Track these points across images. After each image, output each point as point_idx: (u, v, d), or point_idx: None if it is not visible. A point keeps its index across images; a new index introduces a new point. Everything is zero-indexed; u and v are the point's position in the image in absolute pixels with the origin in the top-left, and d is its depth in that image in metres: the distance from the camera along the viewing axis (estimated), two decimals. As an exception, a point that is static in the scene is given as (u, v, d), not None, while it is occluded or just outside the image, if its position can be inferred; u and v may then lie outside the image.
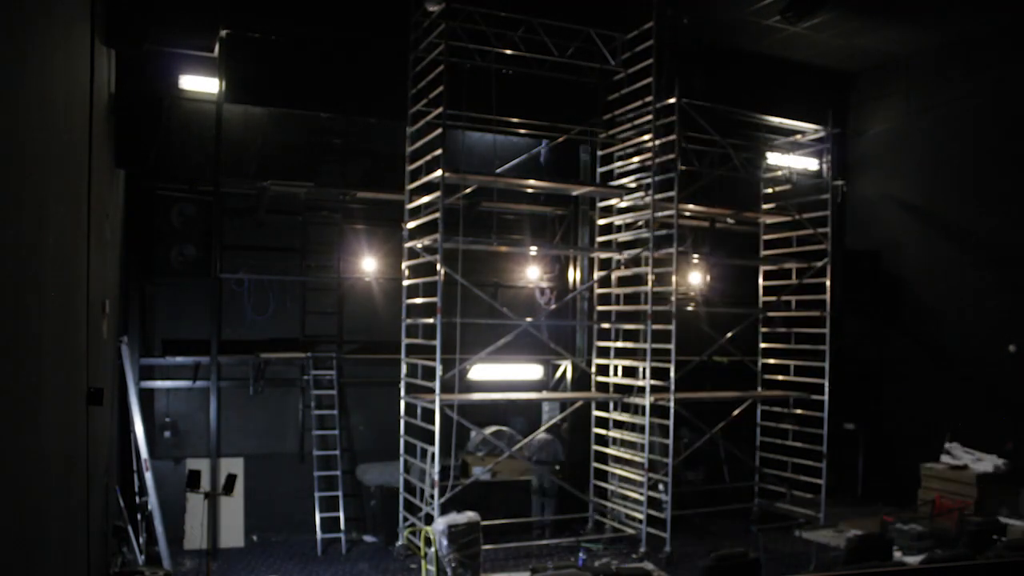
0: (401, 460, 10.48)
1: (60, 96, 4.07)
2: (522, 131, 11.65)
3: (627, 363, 11.44)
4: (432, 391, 9.51)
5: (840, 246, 13.87)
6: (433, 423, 9.47)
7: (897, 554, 9.26)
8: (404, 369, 10.52)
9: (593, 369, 11.87)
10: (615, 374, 11.58)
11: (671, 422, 10.57)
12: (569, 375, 12.41)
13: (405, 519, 10.33)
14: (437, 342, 9.30)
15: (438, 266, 9.49)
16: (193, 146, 10.54)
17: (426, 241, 10.01)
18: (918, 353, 13.56)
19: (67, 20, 4.35)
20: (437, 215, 9.57)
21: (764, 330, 12.78)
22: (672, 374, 10.45)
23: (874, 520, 11.34)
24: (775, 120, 12.05)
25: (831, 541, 10.85)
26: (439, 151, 9.51)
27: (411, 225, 10.45)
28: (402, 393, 10.49)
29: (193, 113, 10.55)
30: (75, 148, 4.76)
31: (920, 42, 13.37)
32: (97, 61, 5.73)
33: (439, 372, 9.35)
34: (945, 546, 9.54)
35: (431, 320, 9.58)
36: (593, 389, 11.77)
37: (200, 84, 10.48)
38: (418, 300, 10.28)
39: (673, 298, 10.49)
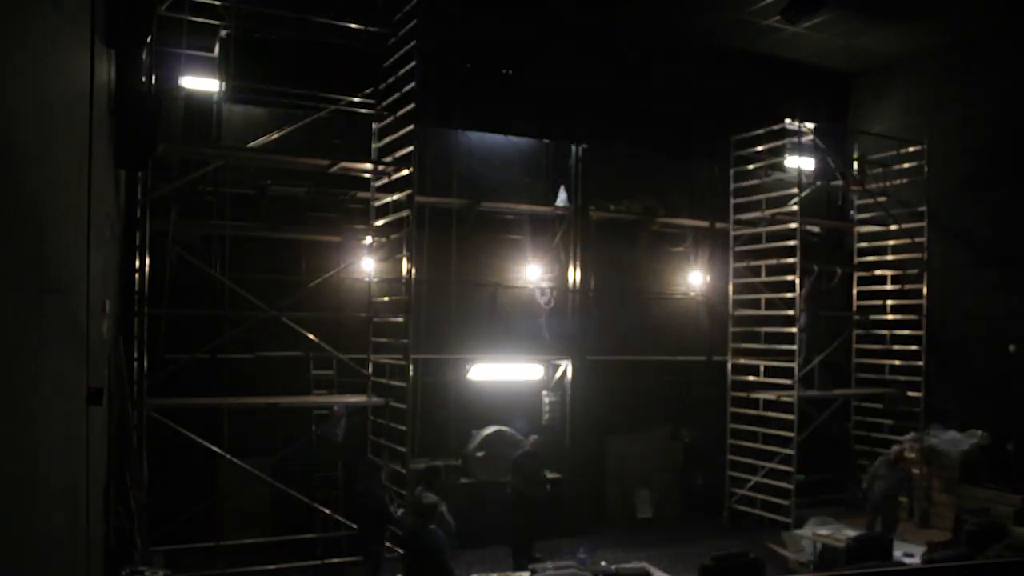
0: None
1: (60, 96, 4.07)
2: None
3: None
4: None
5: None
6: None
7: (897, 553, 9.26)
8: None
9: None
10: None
11: (795, 417, 11.60)
12: (569, 375, 12.41)
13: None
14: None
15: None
16: (193, 146, 10.52)
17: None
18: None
19: (67, 20, 4.34)
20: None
21: (858, 332, 13.74)
22: (796, 372, 11.56)
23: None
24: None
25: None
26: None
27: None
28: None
29: (193, 113, 10.54)
30: (75, 148, 4.75)
31: (920, 42, 13.36)
32: (97, 61, 5.71)
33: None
34: (946, 545, 9.53)
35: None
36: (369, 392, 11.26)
37: (200, 84, 10.48)
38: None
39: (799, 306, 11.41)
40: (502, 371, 12.06)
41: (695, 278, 13.99)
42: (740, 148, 12.96)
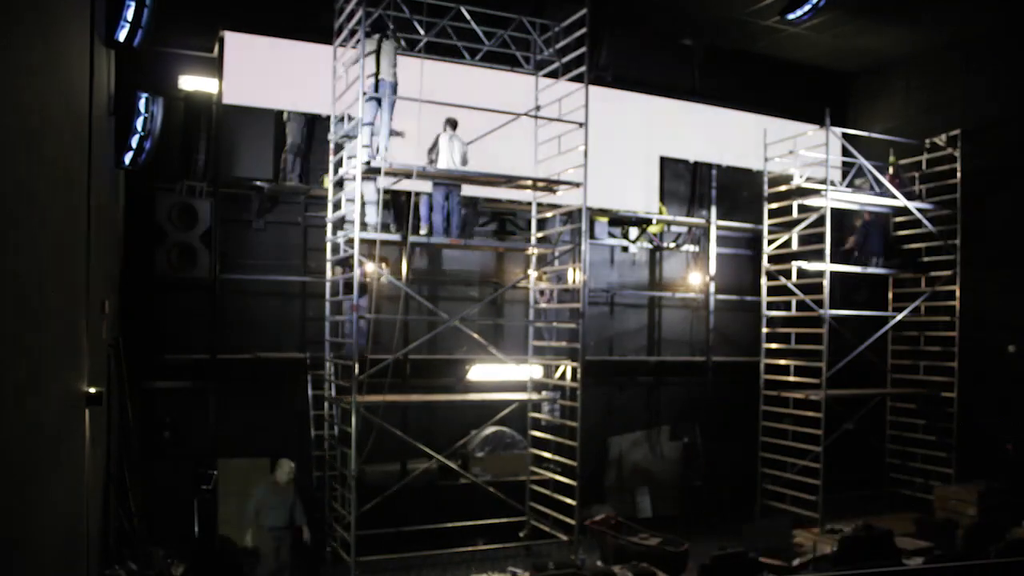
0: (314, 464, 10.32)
1: (60, 96, 4.07)
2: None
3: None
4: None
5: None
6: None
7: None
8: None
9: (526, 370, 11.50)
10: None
11: (822, 415, 11.41)
12: (569, 375, 12.41)
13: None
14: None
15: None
16: (193, 146, 10.53)
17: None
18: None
19: (67, 20, 4.34)
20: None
21: (893, 332, 13.52)
22: (824, 372, 11.38)
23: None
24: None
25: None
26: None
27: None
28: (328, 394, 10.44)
29: (193, 113, 10.55)
30: (75, 148, 4.75)
31: (920, 42, 13.36)
32: (97, 61, 5.72)
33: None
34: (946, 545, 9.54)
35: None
36: (529, 390, 11.32)
37: (200, 84, 10.48)
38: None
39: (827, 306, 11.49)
40: (499, 371, 12.02)
41: (695, 278, 13.98)
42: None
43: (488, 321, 12.13)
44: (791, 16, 11.65)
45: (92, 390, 5.40)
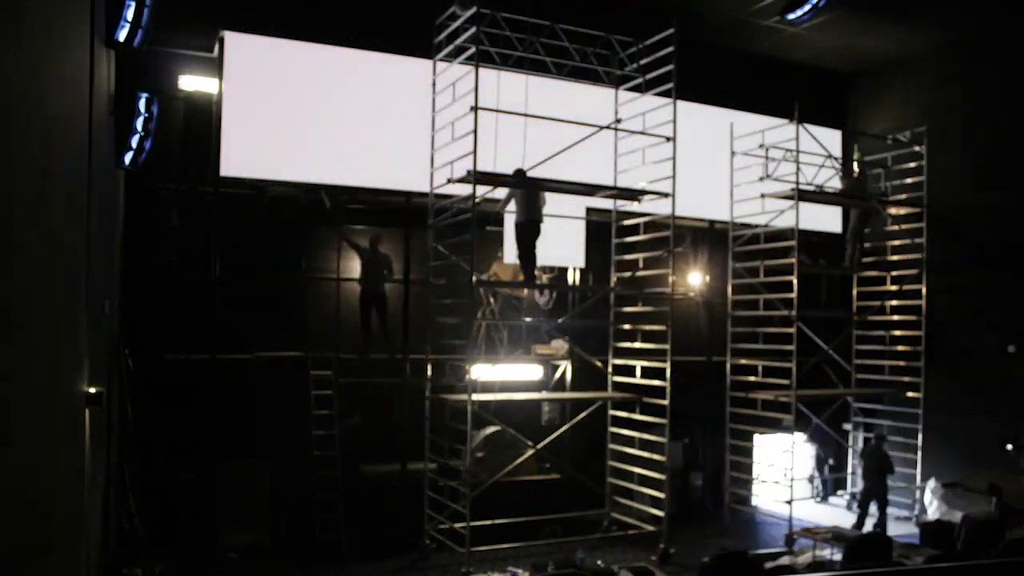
0: (426, 459, 10.58)
1: (60, 96, 4.07)
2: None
3: (646, 363, 11.47)
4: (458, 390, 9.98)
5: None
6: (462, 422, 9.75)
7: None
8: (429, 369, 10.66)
9: (610, 369, 11.83)
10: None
11: (792, 416, 11.57)
12: (569, 375, 12.41)
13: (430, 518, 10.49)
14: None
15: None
16: (193, 146, 10.52)
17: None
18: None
19: (67, 20, 4.34)
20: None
21: (858, 332, 13.78)
22: (794, 373, 11.50)
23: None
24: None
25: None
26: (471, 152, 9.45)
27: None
28: (427, 392, 10.61)
29: (193, 113, 10.54)
30: (75, 148, 4.75)
31: (920, 42, 13.36)
32: (97, 61, 5.72)
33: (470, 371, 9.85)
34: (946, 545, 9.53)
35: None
36: (610, 389, 11.76)
37: (199, 84, 10.48)
38: (447, 301, 10.38)
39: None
40: (502, 371, 12.02)
41: (694, 278, 13.97)
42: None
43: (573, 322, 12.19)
44: (791, 16, 11.66)
45: (92, 390, 5.39)
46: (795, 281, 11.67)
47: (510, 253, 11.01)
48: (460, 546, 9.70)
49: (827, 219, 14.28)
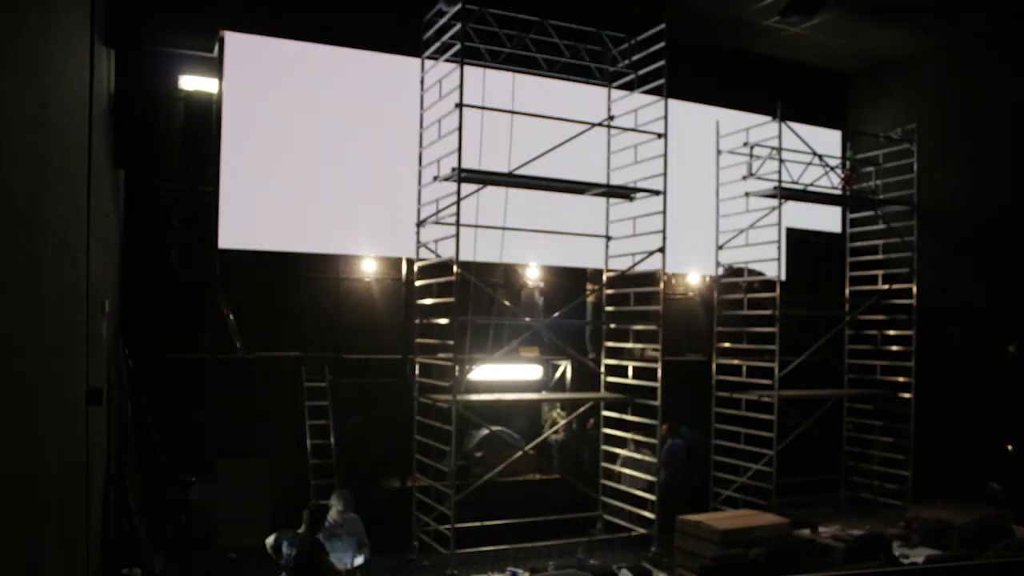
0: (414, 461, 10.52)
1: (60, 96, 4.07)
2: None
3: (638, 364, 11.45)
4: (444, 391, 9.78)
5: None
6: (447, 423, 9.65)
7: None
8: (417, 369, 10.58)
9: (602, 369, 11.76)
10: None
11: (775, 417, 11.43)
12: (568, 375, 12.41)
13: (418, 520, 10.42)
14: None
15: (455, 267, 9.54)
16: (193, 146, 10.52)
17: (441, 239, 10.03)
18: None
19: (67, 20, 4.34)
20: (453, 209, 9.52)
21: (850, 332, 13.64)
22: (776, 372, 11.40)
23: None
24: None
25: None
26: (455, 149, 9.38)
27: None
28: (415, 393, 10.54)
29: (193, 113, 10.54)
30: (75, 148, 4.75)
31: (919, 42, 13.36)
32: (97, 61, 5.72)
33: (457, 372, 9.71)
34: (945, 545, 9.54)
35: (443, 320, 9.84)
36: (603, 389, 11.68)
37: (199, 84, 10.48)
38: (428, 300, 10.32)
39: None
40: (501, 371, 12.03)
41: (693, 278, 13.98)
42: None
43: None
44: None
45: (92, 389, 5.39)
46: (778, 282, 11.58)
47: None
48: (449, 548, 9.59)
49: (827, 219, 14.28)
